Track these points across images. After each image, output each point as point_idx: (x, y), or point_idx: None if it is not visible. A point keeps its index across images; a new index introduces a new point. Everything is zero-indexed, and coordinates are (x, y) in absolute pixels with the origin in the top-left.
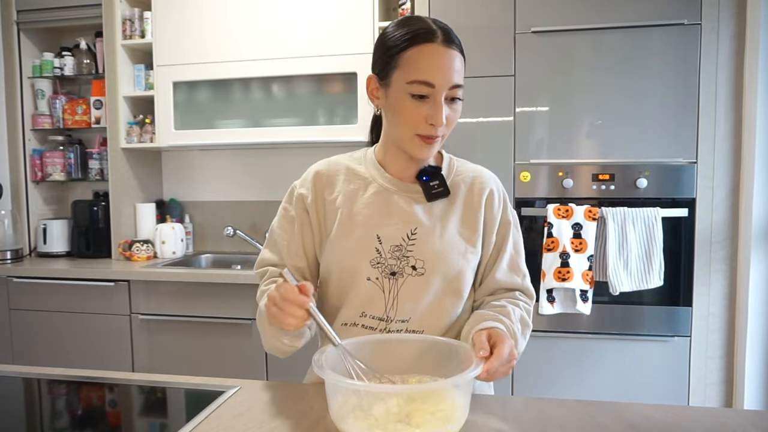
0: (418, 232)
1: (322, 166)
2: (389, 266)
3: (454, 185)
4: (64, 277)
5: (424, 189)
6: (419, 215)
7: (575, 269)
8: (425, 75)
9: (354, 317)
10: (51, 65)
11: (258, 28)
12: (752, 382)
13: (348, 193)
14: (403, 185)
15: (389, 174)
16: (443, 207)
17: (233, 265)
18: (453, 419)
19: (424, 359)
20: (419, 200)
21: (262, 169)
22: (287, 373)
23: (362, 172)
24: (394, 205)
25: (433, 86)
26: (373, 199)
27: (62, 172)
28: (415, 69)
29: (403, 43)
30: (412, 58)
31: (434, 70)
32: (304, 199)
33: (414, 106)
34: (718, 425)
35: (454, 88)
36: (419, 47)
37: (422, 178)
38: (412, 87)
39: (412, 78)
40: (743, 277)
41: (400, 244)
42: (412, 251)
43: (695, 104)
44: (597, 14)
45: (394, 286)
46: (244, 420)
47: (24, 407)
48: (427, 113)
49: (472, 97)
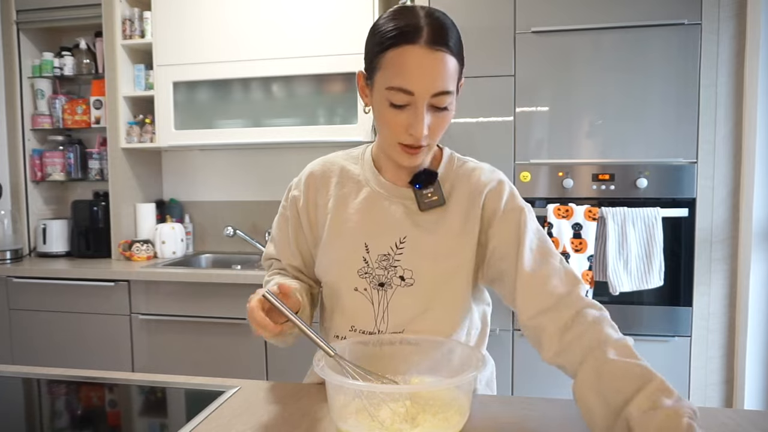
0: (407, 241)
1: (317, 167)
2: (377, 276)
3: (451, 189)
4: (63, 277)
5: (417, 197)
6: (409, 224)
7: (575, 269)
8: (404, 82)
9: (344, 331)
10: (51, 65)
11: (258, 28)
12: (752, 382)
13: (340, 197)
14: (396, 190)
15: (384, 177)
16: (436, 215)
17: (233, 265)
18: (454, 419)
19: (424, 360)
20: (412, 207)
21: (262, 169)
22: (287, 373)
23: (356, 174)
24: (384, 212)
25: (413, 94)
26: (363, 204)
27: (62, 172)
28: (394, 74)
29: (386, 41)
30: (392, 60)
31: (414, 77)
32: (297, 202)
33: (393, 114)
34: (718, 425)
35: (439, 95)
36: (400, 49)
37: (415, 186)
38: (390, 94)
39: (390, 84)
40: (743, 277)
41: (387, 253)
42: (399, 261)
43: (695, 104)
44: (597, 14)
45: (383, 297)
46: (244, 420)
47: (24, 407)
48: (407, 122)
49: (472, 97)
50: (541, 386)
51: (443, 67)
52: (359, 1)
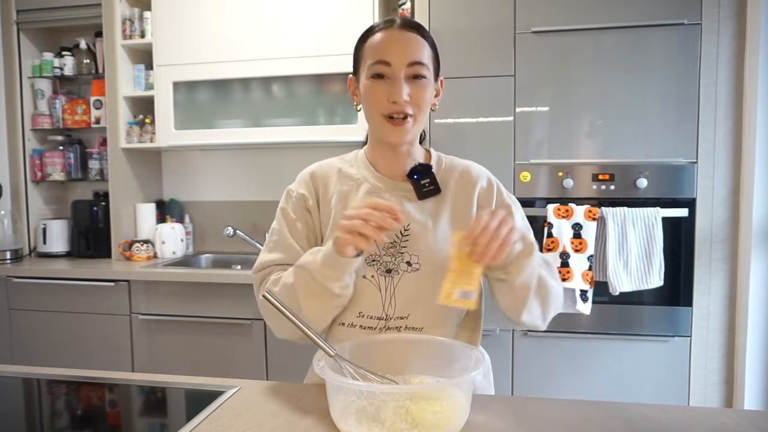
0: (411, 228)
1: (316, 167)
2: (384, 263)
3: (444, 182)
4: (63, 277)
5: (415, 187)
6: (411, 212)
7: (575, 269)
8: (381, 55)
9: (351, 317)
10: (51, 65)
11: (258, 28)
12: (752, 382)
13: (341, 193)
14: (394, 184)
15: (380, 173)
16: (434, 204)
17: (233, 265)
18: (453, 419)
19: (424, 360)
20: (411, 198)
21: (262, 169)
22: (287, 373)
23: (353, 174)
24: None
25: (390, 64)
26: (365, 198)
27: (62, 172)
28: (374, 52)
29: (365, 34)
30: (371, 44)
31: (390, 50)
32: (306, 200)
33: (376, 87)
34: (718, 425)
35: (413, 65)
36: (377, 34)
37: (413, 177)
38: (373, 68)
39: (371, 60)
40: (743, 277)
41: (394, 240)
42: (406, 247)
43: (695, 104)
44: (597, 14)
45: (390, 283)
46: (244, 420)
47: (24, 407)
48: (388, 92)
49: (472, 97)
50: (541, 386)
51: (415, 42)
52: (359, 2)
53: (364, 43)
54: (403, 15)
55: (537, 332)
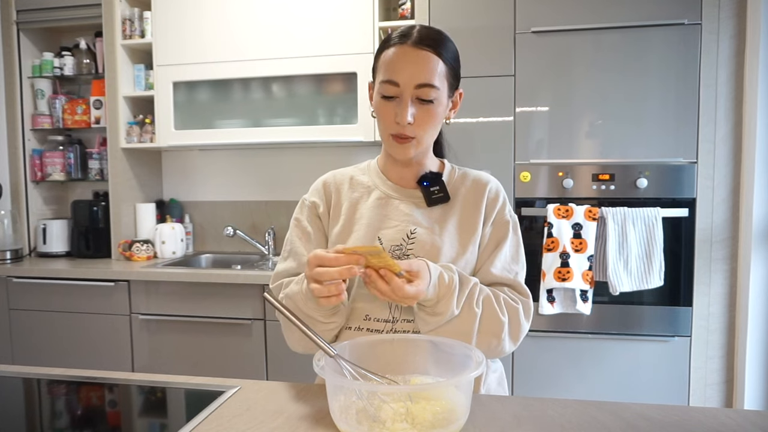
0: (417, 232)
1: (329, 176)
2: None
3: (455, 191)
4: (63, 277)
5: (425, 194)
6: (418, 217)
7: (575, 269)
8: (391, 74)
9: (358, 321)
10: (51, 65)
11: (258, 28)
12: (752, 382)
13: (352, 200)
14: (404, 191)
15: (391, 181)
16: (442, 210)
17: (233, 265)
18: (454, 419)
19: (424, 360)
20: (420, 205)
21: (262, 169)
22: (287, 373)
23: (365, 181)
24: (394, 209)
25: (398, 85)
26: (375, 204)
27: (62, 172)
28: (385, 70)
29: (383, 45)
30: (384, 59)
31: (399, 70)
32: (317, 208)
33: (384, 106)
34: (718, 425)
35: (421, 87)
36: (390, 49)
37: (423, 184)
38: (382, 87)
39: (381, 78)
40: (743, 277)
41: (400, 243)
42: (412, 250)
43: (695, 104)
44: (597, 14)
45: None
46: (244, 420)
47: (24, 407)
48: (394, 112)
49: (472, 97)
50: (541, 386)
51: (426, 63)
52: (359, 2)
53: (380, 54)
54: (405, 17)
55: (537, 332)
